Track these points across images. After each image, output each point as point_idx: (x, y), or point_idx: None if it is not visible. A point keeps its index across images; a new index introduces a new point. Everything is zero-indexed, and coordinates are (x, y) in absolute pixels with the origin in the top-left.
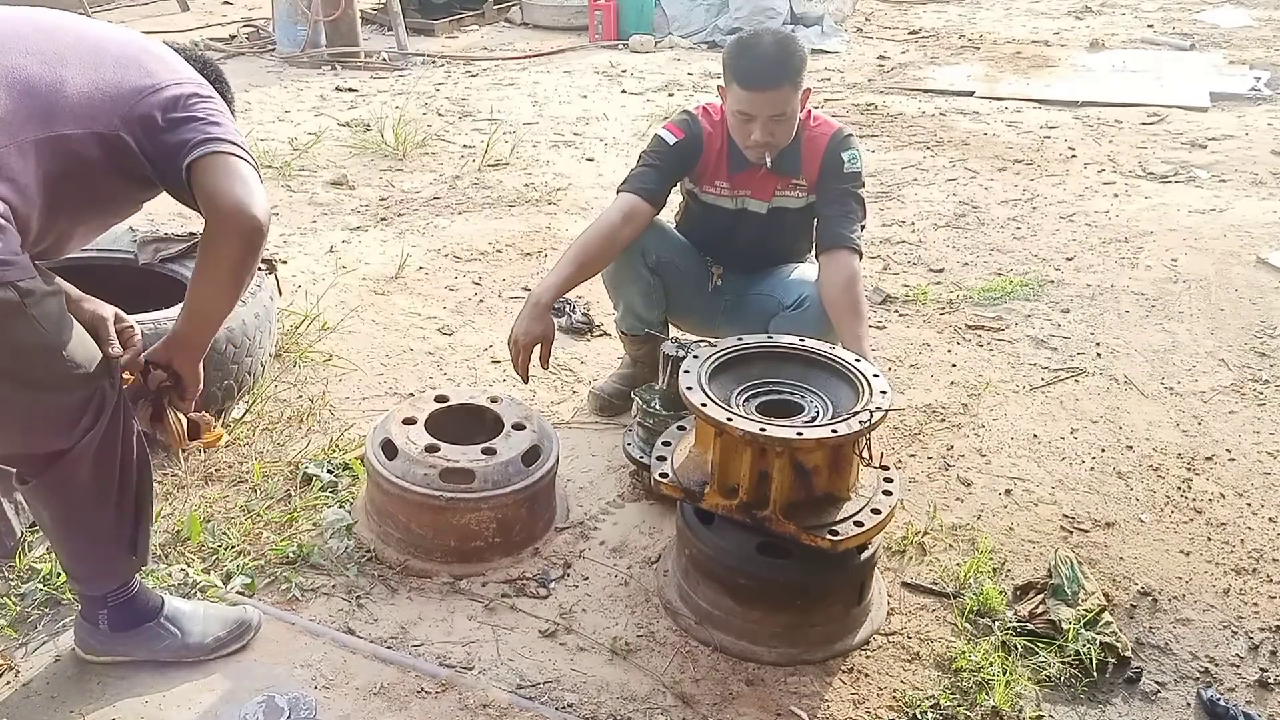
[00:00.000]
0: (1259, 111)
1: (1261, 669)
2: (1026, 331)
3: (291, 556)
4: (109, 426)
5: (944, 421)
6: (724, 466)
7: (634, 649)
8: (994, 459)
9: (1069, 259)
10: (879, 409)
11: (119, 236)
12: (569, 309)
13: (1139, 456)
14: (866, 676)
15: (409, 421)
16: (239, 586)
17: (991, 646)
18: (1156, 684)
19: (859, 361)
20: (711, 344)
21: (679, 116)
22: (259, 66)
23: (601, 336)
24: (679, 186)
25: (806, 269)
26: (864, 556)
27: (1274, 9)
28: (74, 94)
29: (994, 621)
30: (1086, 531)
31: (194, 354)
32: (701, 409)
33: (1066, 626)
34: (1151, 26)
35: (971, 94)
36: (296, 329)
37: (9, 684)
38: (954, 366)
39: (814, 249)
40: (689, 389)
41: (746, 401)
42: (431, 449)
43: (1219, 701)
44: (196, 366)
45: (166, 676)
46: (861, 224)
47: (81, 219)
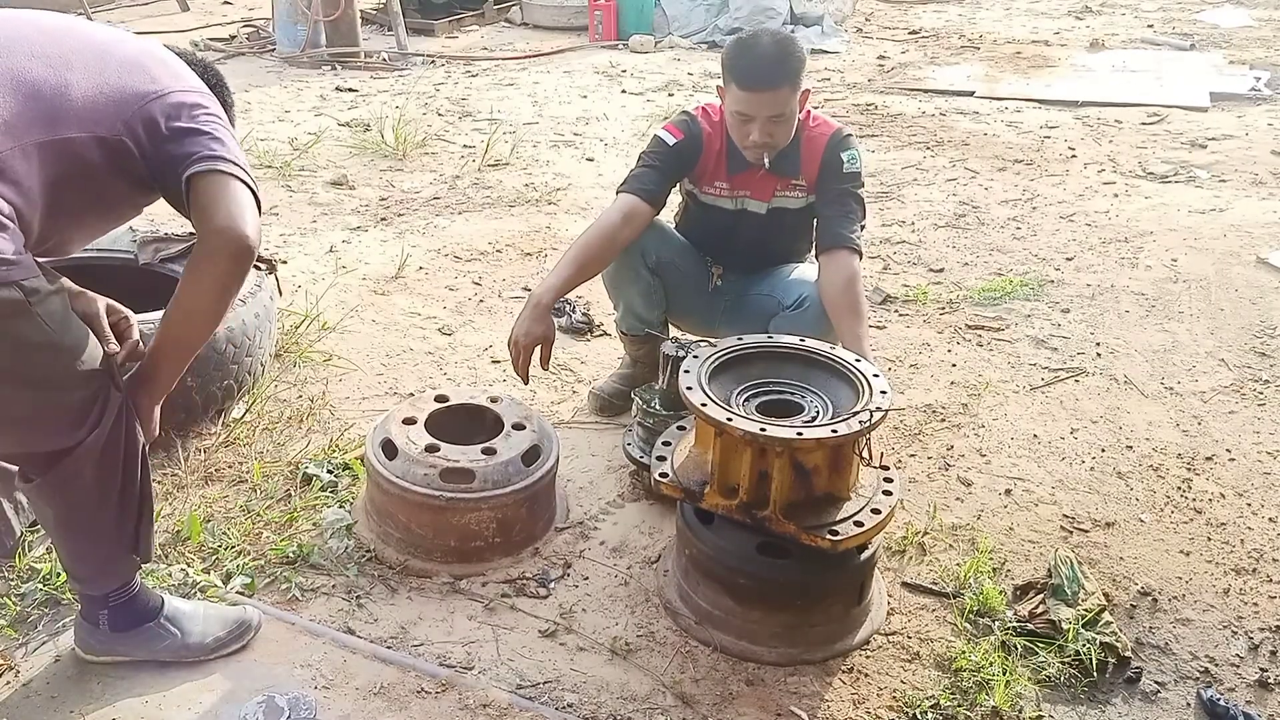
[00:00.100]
0: (1259, 111)
1: (1261, 669)
2: (1026, 331)
3: (291, 556)
4: (113, 425)
5: (944, 421)
6: (724, 466)
7: (634, 649)
8: (994, 459)
9: (1069, 259)
10: (879, 409)
11: (119, 237)
12: (569, 309)
13: (1139, 456)
14: (866, 676)
15: (409, 421)
16: (239, 586)
17: (991, 646)
18: (1156, 684)
19: (859, 361)
20: (711, 344)
21: (678, 117)
22: (259, 66)
23: (601, 336)
24: (679, 187)
25: (806, 269)
26: (864, 556)
27: (1274, 9)
28: (78, 98)
29: (994, 621)
30: (1086, 531)
31: (154, 394)
32: (701, 409)
33: (1066, 626)
34: (1151, 26)
35: (971, 94)
36: (296, 329)
37: (9, 684)
38: (954, 366)
39: (814, 249)
40: (689, 389)
41: (746, 401)
42: (431, 449)
43: (1219, 701)
44: (153, 411)
45: (166, 676)
46: (861, 224)
47: (83, 221)
